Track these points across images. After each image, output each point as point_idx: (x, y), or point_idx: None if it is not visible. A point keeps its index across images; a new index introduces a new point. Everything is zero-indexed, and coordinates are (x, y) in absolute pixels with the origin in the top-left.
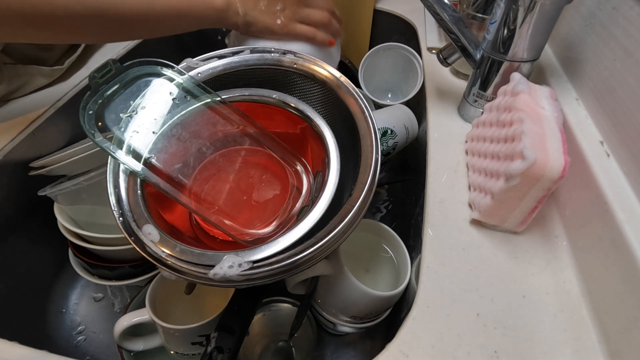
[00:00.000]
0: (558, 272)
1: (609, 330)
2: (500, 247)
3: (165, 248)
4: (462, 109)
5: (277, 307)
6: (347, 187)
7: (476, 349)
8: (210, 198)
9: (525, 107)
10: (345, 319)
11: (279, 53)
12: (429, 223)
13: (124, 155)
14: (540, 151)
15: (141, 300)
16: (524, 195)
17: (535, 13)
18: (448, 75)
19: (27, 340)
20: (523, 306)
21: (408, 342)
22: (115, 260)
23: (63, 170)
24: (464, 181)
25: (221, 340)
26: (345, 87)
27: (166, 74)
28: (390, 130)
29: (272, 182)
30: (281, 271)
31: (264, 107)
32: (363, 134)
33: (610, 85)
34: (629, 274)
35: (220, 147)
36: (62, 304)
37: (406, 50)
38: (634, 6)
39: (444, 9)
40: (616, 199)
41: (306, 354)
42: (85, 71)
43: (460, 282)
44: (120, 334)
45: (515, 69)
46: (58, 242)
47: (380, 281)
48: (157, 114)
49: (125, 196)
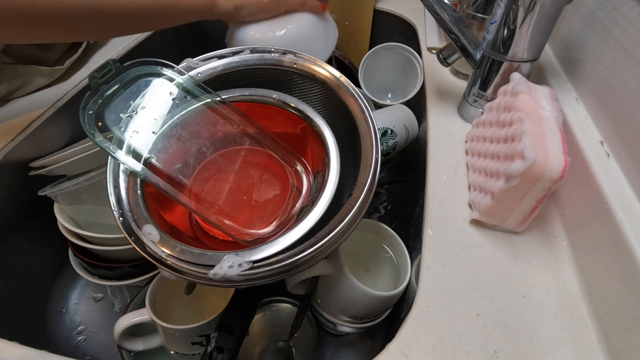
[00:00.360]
0: (558, 272)
1: (609, 330)
2: (500, 247)
3: (165, 248)
4: (462, 109)
5: (277, 307)
6: (347, 187)
7: (476, 349)
8: (210, 198)
9: (525, 107)
10: (345, 319)
11: (279, 53)
12: (429, 223)
13: (124, 155)
14: (541, 151)
15: (141, 300)
16: (524, 195)
17: (535, 13)
18: (448, 75)
19: (27, 340)
20: (523, 306)
21: (408, 342)
22: (115, 260)
23: (63, 170)
24: (464, 181)
25: (221, 340)
26: (345, 87)
27: (166, 74)
28: (390, 130)
29: (272, 182)
30: (281, 271)
31: (264, 107)
32: (363, 134)
33: (610, 85)
34: (629, 274)
35: (220, 147)
36: (62, 304)
37: (406, 50)
38: (634, 6)
39: (444, 9)
40: (616, 199)
41: (306, 354)
42: (85, 71)
43: (460, 282)
44: (120, 334)
45: (515, 69)
46: (58, 242)
47: (380, 281)
48: (157, 114)
49: (125, 196)
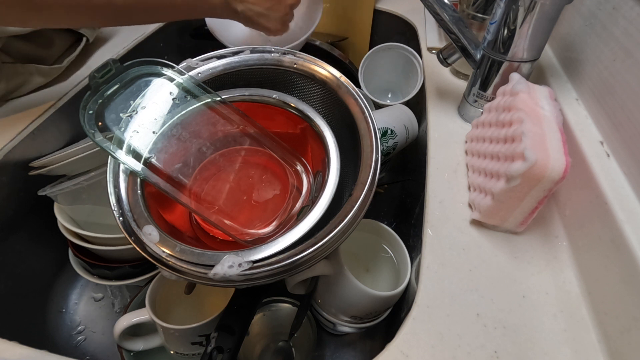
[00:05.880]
0: (558, 272)
1: (609, 330)
2: (500, 247)
3: (165, 248)
4: (462, 109)
5: (277, 307)
6: (347, 187)
7: (476, 349)
8: (210, 198)
9: (524, 107)
10: (345, 319)
11: (279, 53)
12: (429, 223)
13: (124, 155)
14: (541, 152)
15: (141, 300)
16: (524, 195)
17: (535, 13)
18: (448, 75)
19: (27, 340)
20: (523, 306)
21: (408, 342)
22: (115, 260)
23: (63, 170)
24: (464, 181)
25: (221, 340)
26: (345, 87)
27: (166, 74)
28: (390, 130)
29: (272, 182)
30: (281, 271)
31: (264, 107)
32: (363, 134)
33: (610, 85)
34: (629, 274)
35: (220, 147)
36: (62, 304)
37: (406, 50)
38: (634, 6)
39: (444, 9)
40: (616, 199)
41: (306, 354)
42: (85, 71)
43: (460, 282)
44: (120, 334)
45: (515, 69)
46: (58, 242)
47: (380, 281)
48: (157, 113)
49: (125, 196)
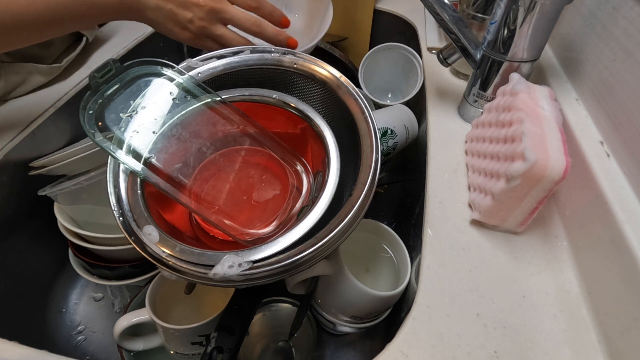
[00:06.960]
0: (558, 272)
1: (609, 330)
2: (500, 247)
3: (165, 248)
4: (462, 109)
5: (277, 307)
6: (347, 187)
7: (476, 349)
8: (210, 198)
9: (524, 107)
10: (345, 319)
11: (279, 53)
12: (429, 223)
13: (124, 155)
14: (541, 152)
15: (141, 300)
16: (524, 196)
17: (535, 13)
18: (448, 75)
19: (27, 340)
20: (523, 306)
21: (408, 342)
22: (115, 260)
23: (63, 170)
24: (464, 181)
25: (221, 340)
26: (345, 87)
27: (166, 74)
28: (390, 130)
29: (272, 182)
30: (281, 271)
31: (264, 107)
32: (363, 134)
33: (610, 85)
34: (629, 274)
35: (220, 147)
36: (62, 304)
37: (406, 50)
38: (634, 6)
39: (444, 9)
40: (616, 199)
41: (306, 354)
42: (85, 71)
43: (460, 282)
44: (120, 334)
45: (515, 69)
46: (58, 242)
47: (380, 281)
48: (157, 113)
49: (125, 196)
